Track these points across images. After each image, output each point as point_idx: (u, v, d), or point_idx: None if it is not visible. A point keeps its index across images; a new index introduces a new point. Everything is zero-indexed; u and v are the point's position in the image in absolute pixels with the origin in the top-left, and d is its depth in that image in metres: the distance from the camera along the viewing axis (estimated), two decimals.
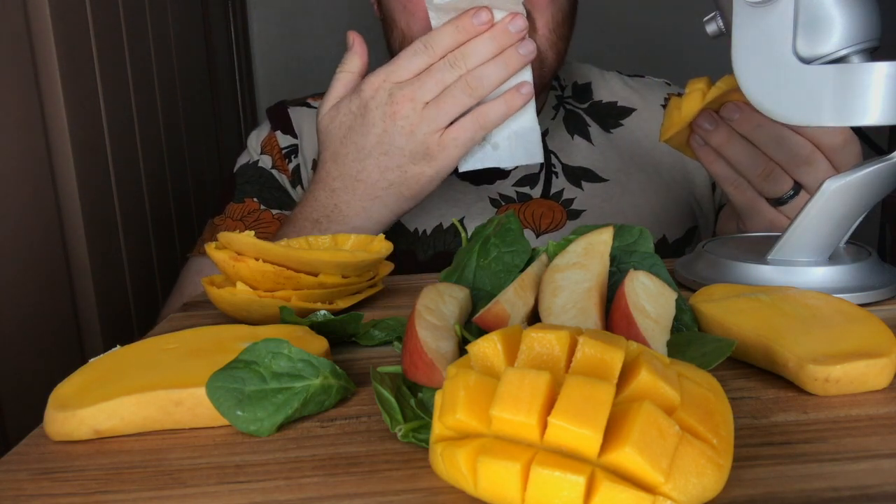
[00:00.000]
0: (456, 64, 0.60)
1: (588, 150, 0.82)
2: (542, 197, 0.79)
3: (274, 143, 0.83)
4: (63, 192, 0.78)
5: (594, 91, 0.87)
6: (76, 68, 0.79)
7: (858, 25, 0.45)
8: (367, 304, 0.52)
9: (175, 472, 0.30)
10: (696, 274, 0.52)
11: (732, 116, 0.57)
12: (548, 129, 0.82)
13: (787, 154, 0.57)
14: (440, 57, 0.61)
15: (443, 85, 0.60)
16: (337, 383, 0.35)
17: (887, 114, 0.44)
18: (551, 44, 0.70)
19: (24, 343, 0.70)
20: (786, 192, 0.59)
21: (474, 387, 0.26)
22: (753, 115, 0.56)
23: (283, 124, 0.84)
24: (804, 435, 0.30)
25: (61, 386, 0.35)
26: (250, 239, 0.45)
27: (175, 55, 1.16)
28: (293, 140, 0.83)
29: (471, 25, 0.60)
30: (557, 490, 0.23)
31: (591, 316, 0.37)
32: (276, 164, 0.82)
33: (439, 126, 0.61)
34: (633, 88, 0.87)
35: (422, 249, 0.76)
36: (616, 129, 0.84)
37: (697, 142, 0.60)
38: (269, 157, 0.82)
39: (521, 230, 0.46)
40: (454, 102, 0.60)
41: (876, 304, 0.46)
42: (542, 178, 0.80)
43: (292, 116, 0.84)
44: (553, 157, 0.81)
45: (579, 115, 0.84)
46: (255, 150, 0.84)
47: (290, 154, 0.82)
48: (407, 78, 0.61)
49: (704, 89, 0.57)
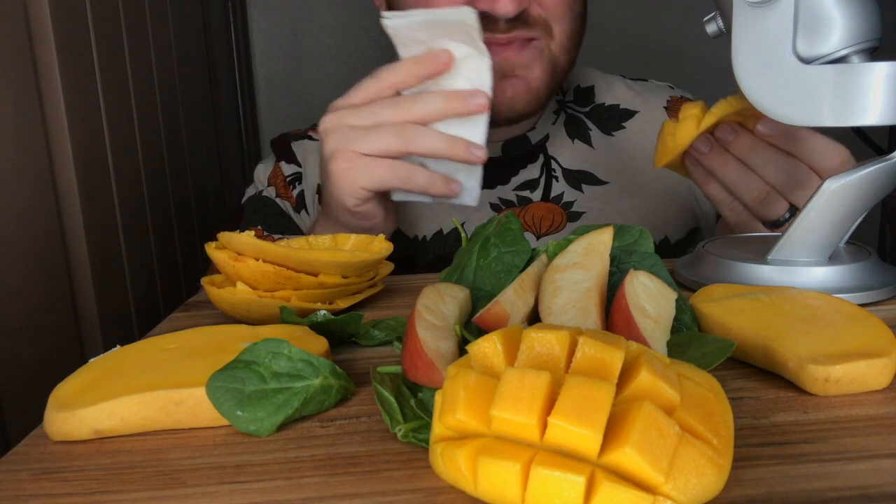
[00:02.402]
0: (399, 105, 0.58)
1: (588, 153, 0.82)
2: (542, 200, 0.79)
3: (279, 174, 0.85)
4: (63, 192, 0.78)
5: (597, 94, 0.87)
6: (76, 68, 0.79)
7: (858, 25, 0.45)
8: (367, 304, 0.52)
9: (175, 472, 0.30)
10: (696, 274, 0.52)
11: (727, 138, 0.56)
12: (548, 134, 0.82)
13: (782, 177, 0.57)
14: (388, 87, 0.59)
15: (376, 119, 0.58)
16: (337, 383, 0.35)
17: (887, 114, 0.44)
18: (566, 50, 0.71)
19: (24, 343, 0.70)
20: (781, 214, 0.59)
21: (474, 387, 0.26)
22: (749, 138, 0.56)
23: (287, 155, 0.86)
24: (804, 435, 0.30)
25: (61, 386, 0.35)
26: (250, 239, 0.45)
27: (175, 55, 1.16)
28: (297, 168, 0.85)
29: (428, 61, 0.58)
30: (557, 490, 0.23)
31: (591, 316, 0.37)
32: (280, 193, 0.84)
33: (355, 148, 0.59)
34: (636, 91, 0.87)
35: (422, 255, 0.77)
36: (618, 131, 0.84)
37: (692, 163, 0.60)
38: (274, 187, 0.84)
39: (520, 230, 0.46)
40: (380, 139, 0.58)
41: (876, 304, 0.46)
42: (543, 182, 0.80)
43: (295, 150, 0.86)
44: (553, 162, 0.81)
45: (580, 119, 0.85)
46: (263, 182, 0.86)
47: (295, 181, 0.84)
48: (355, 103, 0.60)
49: (699, 115, 0.56)
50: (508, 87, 0.70)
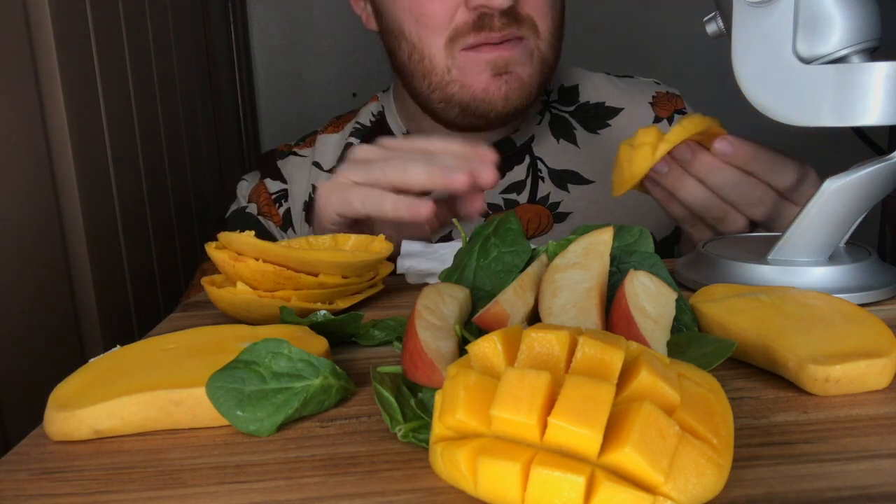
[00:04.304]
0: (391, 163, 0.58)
1: (574, 152, 0.82)
2: (528, 202, 0.80)
3: (262, 192, 0.86)
4: (63, 192, 0.78)
5: (581, 93, 0.87)
6: (76, 68, 0.79)
7: (858, 25, 0.45)
8: (367, 304, 0.52)
9: (175, 472, 0.30)
10: (696, 274, 0.52)
11: (685, 158, 0.56)
12: (533, 135, 0.82)
13: (741, 195, 0.57)
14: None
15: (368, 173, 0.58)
16: (337, 383, 0.35)
17: (887, 114, 0.44)
18: (552, 46, 0.72)
19: (24, 343, 0.70)
20: (741, 229, 0.59)
21: (474, 387, 0.26)
22: (707, 158, 0.56)
23: (273, 172, 0.86)
24: (804, 435, 0.30)
25: (61, 386, 0.35)
26: (250, 239, 0.45)
27: (175, 55, 1.16)
28: (283, 185, 0.85)
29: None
30: (557, 490, 0.23)
31: (591, 316, 0.37)
32: (263, 211, 0.84)
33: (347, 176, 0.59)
34: (621, 89, 0.87)
35: None
36: (603, 129, 0.84)
37: (651, 183, 0.60)
38: (256, 204, 0.85)
39: (520, 230, 0.46)
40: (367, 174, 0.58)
41: (876, 304, 0.46)
42: (529, 184, 0.80)
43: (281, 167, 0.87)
44: (539, 163, 0.81)
45: (565, 119, 0.85)
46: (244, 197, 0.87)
47: (281, 198, 0.85)
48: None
49: (654, 143, 0.56)
50: (504, 83, 0.71)
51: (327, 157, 0.85)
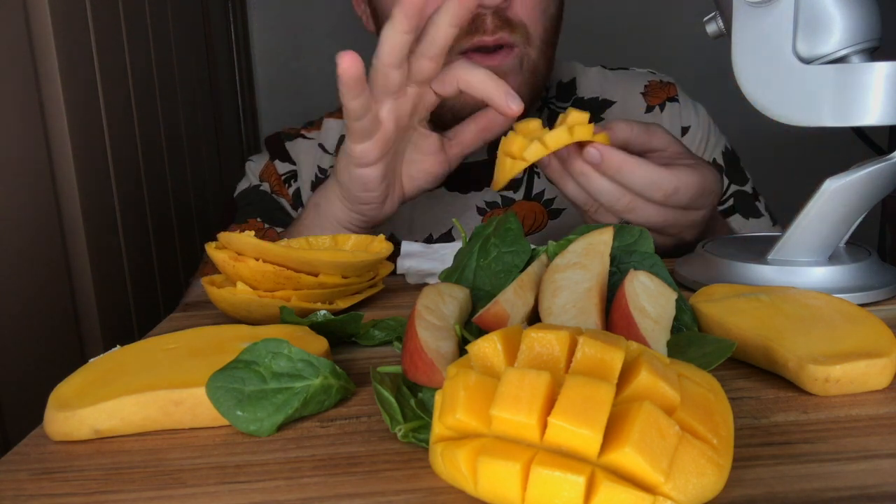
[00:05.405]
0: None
1: None
2: (524, 199, 0.80)
3: (272, 171, 0.86)
4: (63, 192, 0.78)
5: (578, 87, 0.87)
6: (76, 68, 0.79)
7: (858, 25, 0.45)
8: (367, 304, 0.52)
9: (175, 472, 0.30)
10: (696, 274, 0.52)
11: (595, 161, 0.55)
12: None
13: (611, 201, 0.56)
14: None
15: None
16: (337, 383, 0.35)
17: (887, 114, 0.44)
18: (543, 53, 0.71)
19: (24, 343, 0.70)
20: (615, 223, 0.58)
21: (474, 387, 0.26)
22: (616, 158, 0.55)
23: (281, 154, 0.87)
24: (804, 435, 0.30)
25: (61, 386, 0.35)
26: (250, 239, 0.45)
27: (175, 55, 1.16)
28: (292, 166, 0.86)
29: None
30: (557, 490, 0.23)
31: (591, 316, 0.37)
32: (275, 190, 0.85)
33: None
34: (614, 81, 0.87)
35: None
36: (597, 124, 0.84)
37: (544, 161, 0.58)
38: (268, 183, 0.85)
39: (520, 230, 0.46)
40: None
41: (876, 304, 0.46)
42: (525, 181, 0.80)
43: (289, 149, 0.87)
44: None
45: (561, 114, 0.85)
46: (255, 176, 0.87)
47: (290, 179, 0.85)
48: None
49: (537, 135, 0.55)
50: None
51: (331, 141, 0.86)
